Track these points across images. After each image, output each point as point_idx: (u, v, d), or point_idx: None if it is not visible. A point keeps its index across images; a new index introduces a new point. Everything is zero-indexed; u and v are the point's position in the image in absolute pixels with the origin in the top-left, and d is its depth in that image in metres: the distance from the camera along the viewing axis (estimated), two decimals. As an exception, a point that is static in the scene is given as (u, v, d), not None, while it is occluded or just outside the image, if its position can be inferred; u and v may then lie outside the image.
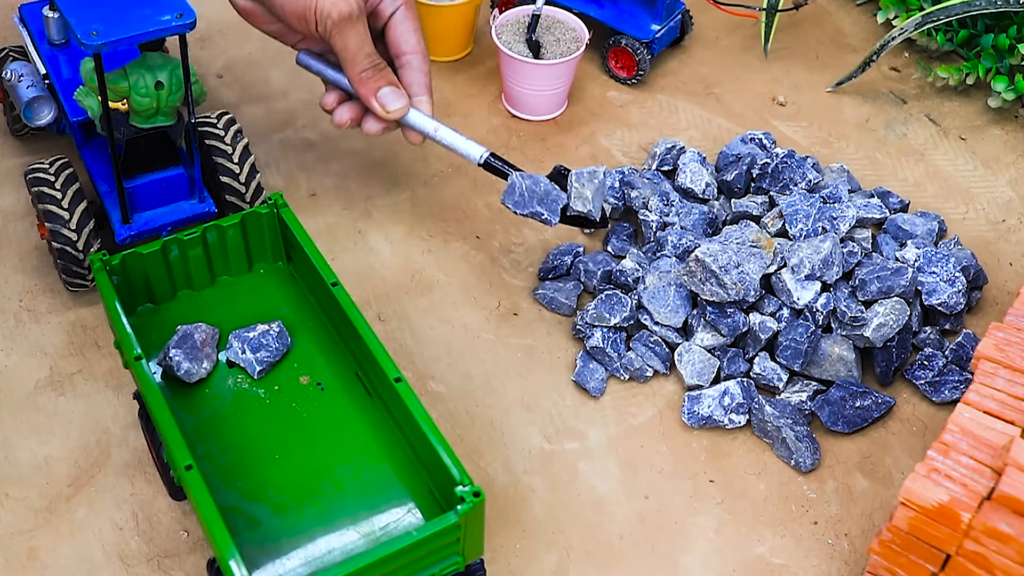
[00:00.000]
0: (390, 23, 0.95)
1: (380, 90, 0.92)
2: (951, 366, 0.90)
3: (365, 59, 0.91)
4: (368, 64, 0.91)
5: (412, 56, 0.95)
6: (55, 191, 0.89)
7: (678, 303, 0.91)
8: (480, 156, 0.93)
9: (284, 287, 0.87)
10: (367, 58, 0.91)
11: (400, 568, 0.67)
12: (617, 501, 0.84)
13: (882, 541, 0.72)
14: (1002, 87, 1.12)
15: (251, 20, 0.94)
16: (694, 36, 1.25)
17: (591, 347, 0.91)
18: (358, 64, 0.91)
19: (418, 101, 0.95)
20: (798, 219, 0.94)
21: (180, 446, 0.70)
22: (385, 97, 0.92)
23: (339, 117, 0.96)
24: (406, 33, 0.95)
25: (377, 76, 0.92)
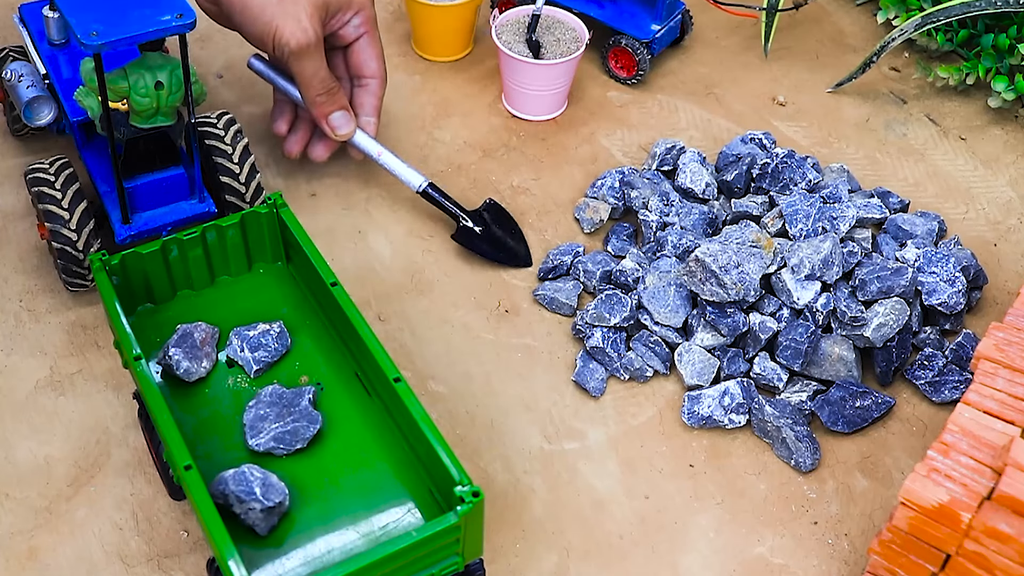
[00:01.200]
0: (353, 47, 1.00)
1: (332, 114, 0.98)
2: (951, 366, 0.90)
3: (320, 84, 0.96)
4: (322, 89, 0.96)
5: (370, 80, 1.02)
6: (55, 191, 0.89)
7: (678, 303, 0.91)
8: (419, 185, 0.99)
9: (284, 287, 0.87)
10: (322, 83, 0.96)
11: (399, 568, 0.67)
12: (617, 501, 0.84)
13: (882, 541, 0.72)
14: (1002, 87, 1.12)
15: (214, 19, 0.99)
16: (694, 36, 1.25)
17: (591, 347, 0.91)
18: (313, 89, 0.96)
19: (365, 122, 1.01)
20: (798, 219, 0.94)
21: (180, 446, 0.70)
22: (336, 120, 0.99)
23: (289, 149, 1.03)
24: (368, 60, 1.01)
25: (329, 101, 0.97)
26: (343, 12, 0.97)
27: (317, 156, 1.03)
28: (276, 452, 0.76)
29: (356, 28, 0.99)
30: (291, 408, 0.77)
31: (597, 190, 1.04)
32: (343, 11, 0.97)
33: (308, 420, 0.77)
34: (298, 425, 0.77)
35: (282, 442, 0.76)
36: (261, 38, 0.94)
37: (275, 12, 0.92)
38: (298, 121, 1.04)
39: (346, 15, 0.98)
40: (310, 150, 1.03)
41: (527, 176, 1.08)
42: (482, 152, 1.10)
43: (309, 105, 0.98)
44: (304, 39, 0.93)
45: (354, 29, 0.99)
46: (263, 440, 0.76)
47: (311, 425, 0.77)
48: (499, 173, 1.08)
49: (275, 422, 0.77)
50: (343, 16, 0.97)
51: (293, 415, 0.77)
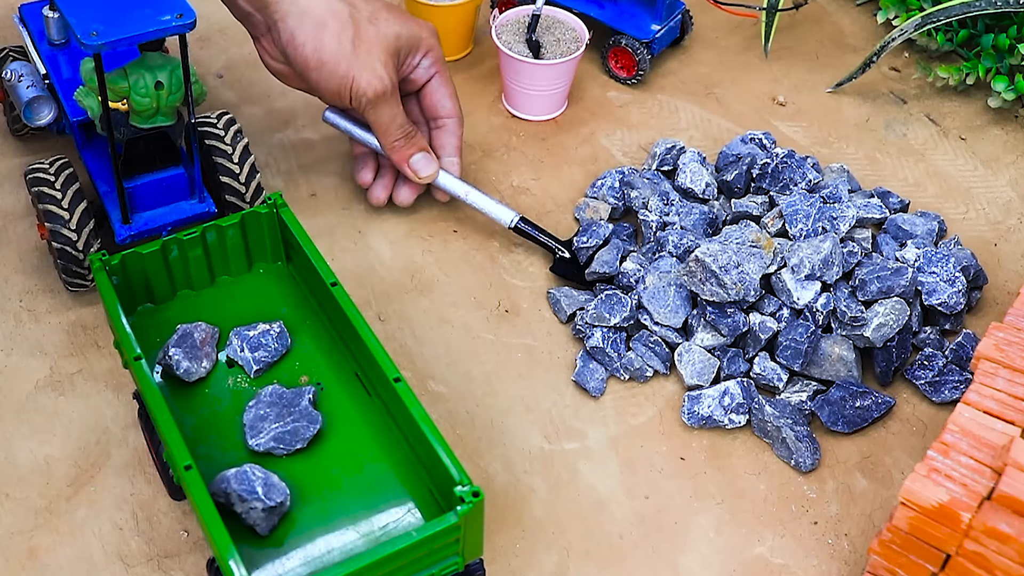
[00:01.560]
0: (426, 89, 1.00)
1: (412, 157, 0.98)
2: (951, 366, 0.90)
3: (398, 130, 0.96)
4: (400, 134, 0.96)
5: (447, 120, 1.01)
6: (55, 191, 0.89)
7: (678, 303, 0.91)
8: (511, 220, 0.98)
9: (284, 287, 0.87)
10: (400, 129, 0.96)
11: (399, 568, 0.67)
12: (617, 501, 0.84)
13: (882, 541, 0.72)
14: (1002, 87, 1.12)
15: (283, 80, 0.99)
16: (694, 36, 1.25)
17: (591, 347, 0.91)
18: (391, 135, 0.96)
19: (448, 163, 1.01)
20: (798, 219, 0.94)
21: (180, 446, 0.70)
22: (417, 163, 0.98)
23: (376, 197, 1.02)
24: (443, 99, 1.00)
25: (409, 144, 0.97)
26: (413, 55, 0.97)
27: (402, 201, 1.02)
28: (276, 452, 0.76)
29: (427, 70, 0.99)
30: (291, 408, 0.77)
31: (597, 190, 1.04)
32: (413, 53, 0.97)
33: (308, 420, 0.77)
34: (298, 425, 0.77)
35: (282, 442, 0.76)
36: (338, 91, 0.93)
37: (351, 64, 0.92)
38: (382, 169, 1.03)
39: (416, 57, 0.98)
40: (395, 195, 1.02)
41: (527, 176, 1.08)
42: (482, 152, 1.10)
43: (388, 152, 0.97)
44: (381, 87, 0.93)
45: (425, 71, 0.99)
46: (263, 440, 0.76)
47: (311, 425, 0.77)
48: (499, 173, 1.08)
49: (275, 422, 0.77)
50: (414, 59, 0.98)
51: (293, 415, 0.77)
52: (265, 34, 0.95)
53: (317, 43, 0.92)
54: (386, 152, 0.98)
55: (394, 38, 0.94)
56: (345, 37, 0.92)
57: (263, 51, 0.97)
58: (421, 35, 0.97)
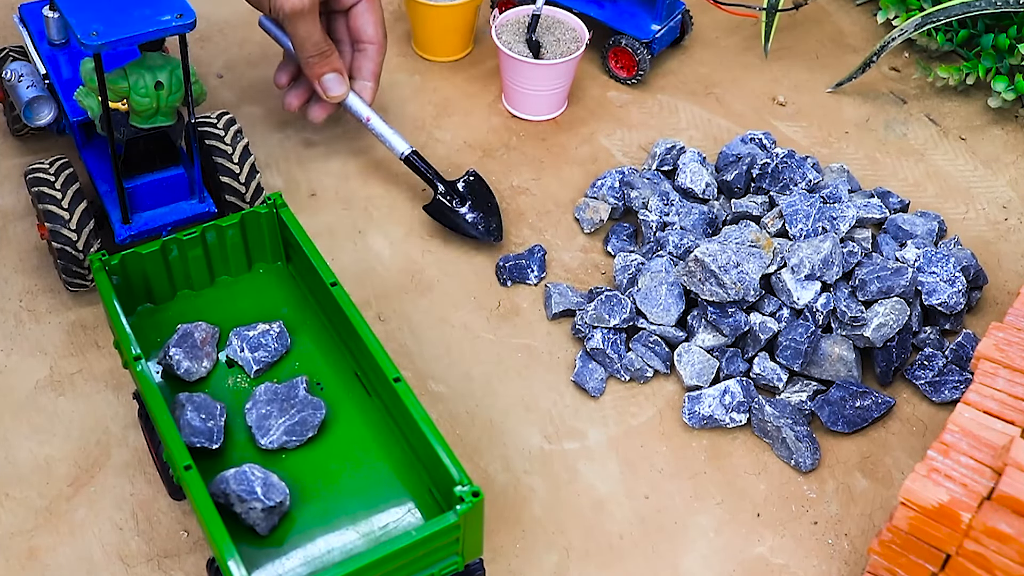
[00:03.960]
0: (352, 11, 1.02)
1: (324, 75, 1.00)
2: (951, 366, 0.90)
3: (313, 47, 0.98)
4: (315, 51, 0.98)
5: (368, 45, 1.03)
6: (55, 191, 0.89)
7: (670, 301, 0.91)
8: (403, 151, 1.01)
9: (284, 287, 0.87)
10: (315, 46, 0.98)
11: (399, 568, 0.67)
12: (617, 501, 0.84)
13: (882, 541, 0.72)
14: (1002, 87, 1.12)
15: None
16: (694, 36, 1.25)
17: (591, 348, 0.91)
18: (306, 51, 0.99)
19: (360, 86, 1.03)
20: (798, 219, 0.94)
21: (180, 446, 0.70)
22: (328, 82, 1.00)
23: (288, 102, 1.06)
24: (366, 25, 1.02)
25: (322, 63, 0.99)
26: None
27: (313, 117, 1.04)
28: (289, 445, 0.76)
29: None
30: (291, 400, 0.77)
31: (597, 190, 1.04)
32: None
33: (312, 408, 0.77)
34: (304, 415, 0.77)
35: (293, 434, 0.76)
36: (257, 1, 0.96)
37: None
38: (300, 78, 1.05)
39: None
40: (308, 111, 1.05)
41: (527, 176, 1.08)
42: (482, 152, 1.10)
43: (304, 67, 1.00)
44: (299, 4, 0.95)
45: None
46: (275, 437, 0.76)
47: (316, 412, 0.77)
48: (499, 173, 1.08)
49: (280, 417, 0.77)
50: None
51: (295, 406, 0.77)
52: None
53: None
54: (302, 68, 1.00)
55: None
56: None
57: None
58: None
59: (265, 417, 0.77)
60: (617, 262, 0.96)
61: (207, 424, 0.76)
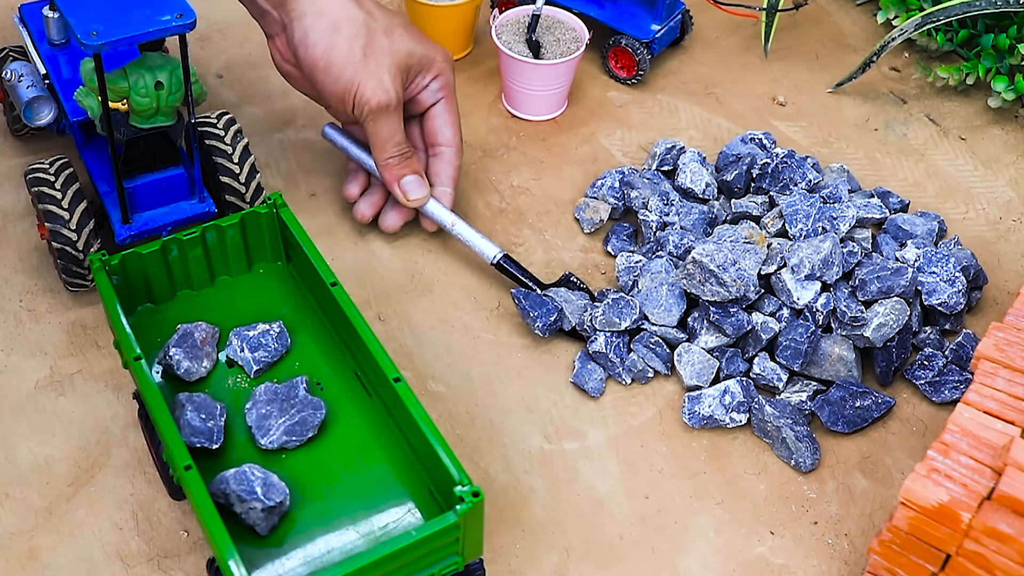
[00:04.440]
0: (429, 113, 0.99)
1: (404, 178, 0.96)
2: (951, 366, 0.90)
3: (394, 147, 0.95)
4: (396, 152, 0.95)
5: (445, 148, 0.99)
6: (55, 191, 0.89)
7: (671, 302, 0.91)
8: (494, 256, 0.96)
9: (284, 287, 0.87)
10: (396, 147, 0.95)
11: (399, 568, 0.67)
12: (617, 501, 0.84)
13: (882, 541, 0.72)
14: (1002, 87, 1.12)
15: (291, 83, 0.98)
16: (694, 36, 1.25)
17: (593, 351, 0.90)
18: (387, 151, 0.95)
19: (440, 192, 0.99)
20: (798, 219, 0.94)
21: (180, 446, 0.70)
22: (408, 185, 0.96)
23: (361, 212, 1.00)
24: (444, 127, 0.99)
25: (402, 164, 0.95)
26: (423, 75, 0.96)
27: (388, 225, 0.99)
28: (289, 445, 0.76)
29: (434, 93, 0.98)
30: (291, 400, 0.78)
31: (597, 190, 1.04)
32: (424, 73, 0.96)
33: (312, 407, 0.77)
34: (304, 414, 0.77)
35: (293, 434, 0.76)
36: (342, 96, 0.92)
37: (358, 70, 0.91)
38: (372, 187, 1.01)
39: (426, 78, 0.97)
40: (381, 218, 1.00)
41: (527, 176, 1.08)
42: (482, 152, 1.10)
43: (381, 169, 0.96)
44: (385, 99, 0.92)
45: (432, 94, 0.98)
46: (275, 437, 0.76)
47: (316, 412, 0.77)
48: (499, 173, 1.08)
49: (280, 417, 0.77)
50: (423, 79, 0.97)
51: (295, 406, 0.77)
52: (279, 33, 0.95)
53: (328, 44, 0.91)
54: (379, 169, 0.96)
55: (406, 54, 0.94)
56: (357, 43, 0.91)
57: (275, 50, 0.96)
58: (435, 57, 0.96)
59: (265, 417, 0.77)
60: (620, 262, 0.96)
61: (207, 424, 0.76)
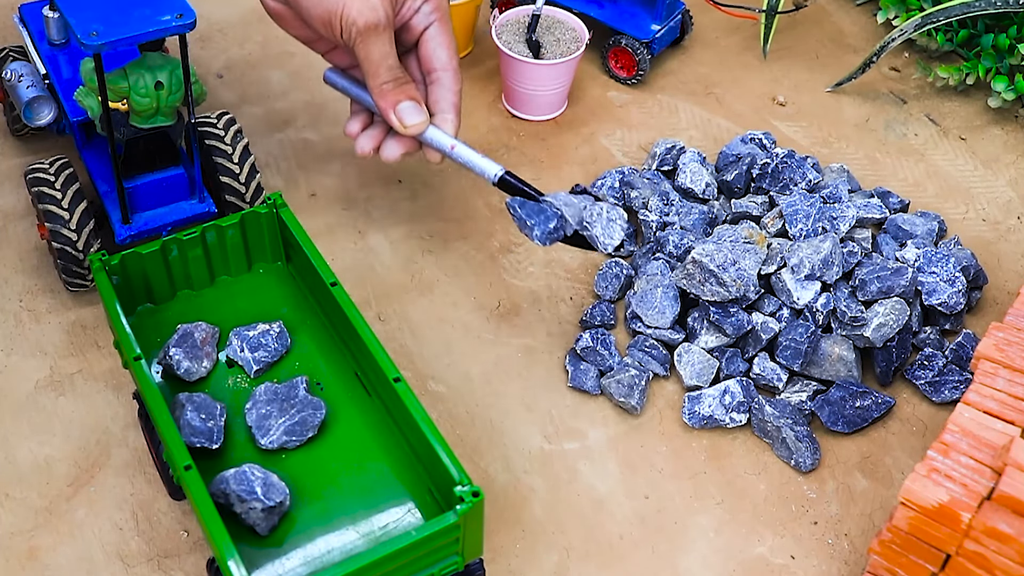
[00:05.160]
0: (423, 38, 0.93)
1: (400, 104, 0.90)
2: (951, 366, 0.90)
3: (387, 71, 0.89)
4: (389, 76, 0.89)
5: (442, 73, 0.93)
6: (55, 191, 0.89)
7: (665, 303, 0.91)
8: (495, 174, 0.91)
9: (284, 287, 0.87)
10: (389, 71, 0.89)
11: (399, 568, 0.67)
12: (617, 501, 0.84)
13: (882, 541, 0.72)
14: (1002, 87, 1.12)
15: (280, 23, 0.93)
16: (694, 36, 1.25)
17: (581, 349, 0.90)
18: (379, 76, 0.89)
19: (441, 119, 0.93)
20: (798, 219, 0.94)
21: (180, 446, 0.70)
22: (404, 111, 0.90)
23: (361, 147, 0.94)
24: (438, 49, 0.93)
25: (397, 89, 0.90)
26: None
27: (388, 155, 0.94)
28: (289, 445, 0.76)
29: (427, 16, 0.92)
30: (291, 400, 0.78)
31: (597, 190, 1.04)
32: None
33: (312, 408, 0.77)
34: (304, 415, 0.77)
35: (293, 434, 0.76)
36: (328, 19, 0.87)
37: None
38: (373, 124, 0.96)
39: (417, 1, 0.92)
40: (381, 149, 0.94)
41: (527, 176, 1.08)
42: (482, 152, 1.10)
43: (376, 97, 0.90)
44: (373, 18, 0.86)
45: (425, 17, 0.92)
46: (275, 437, 0.76)
47: (316, 412, 0.77)
48: (499, 173, 1.08)
49: (280, 417, 0.77)
50: (414, 2, 0.91)
51: (295, 406, 0.77)
52: None
53: None
54: (373, 97, 0.90)
55: None
56: None
57: None
58: None
59: (265, 417, 0.77)
60: (603, 270, 0.96)
61: (207, 424, 0.76)
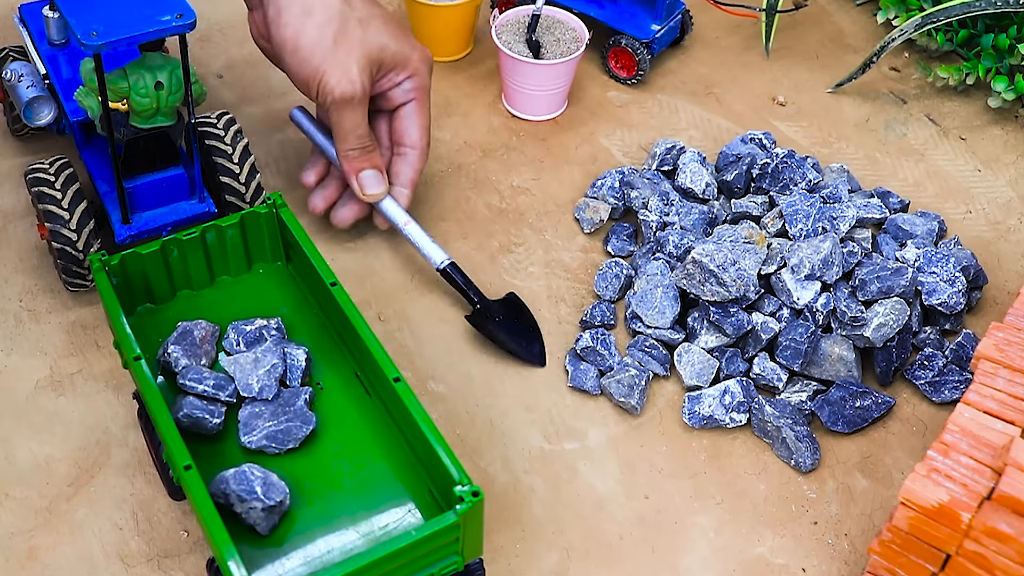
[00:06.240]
0: (398, 112, 0.97)
1: (363, 171, 0.94)
2: (951, 366, 0.90)
3: (356, 140, 0.93)
4: (357, 145, 0.93)
5: (410, 150, 0.97)
6: (55, 191, 0.89)
7: (665, 303, 0.91)
8: (440, 262, 0.94)
9: (284, 287, 0.87)
10: (358, 139, 0.93)
11: (399, 568, 0.67)
12: (617, 501, 0.84)
13: (882, 541, 0.72)
14: (1002, 87, 1.12)
15: (266, 56, 0.97)
16: (694, 36, 1.25)
17: (581, 349, 0.90)
18: (348, 143, 0.93)
19: (398, 192, 0.97)
20: (798, 219, 0.94)
21: (180, 446, 0.70)
22: (366, 179, 0.94)
23: (313, 204, 0.99)
24: (411, 127, 0.97)
25: (363, 157, 0.94)
26: (396, 72, 0.94)
27: (340, 219, 0.98)
28: (268, 451, 0.76)
29: (406, 92, 0.95)
30: (286, 408, 0.77)
31: (597, 190, 1.04)
32: (396, 71, 0.94)
33: (302, 420, 0.77)
34: (291, 425, 0.77)
35: (274, 440, 0.76)
36: (307, 82, 0.91)
37: (325, 58, 0.89)
38: (329, 178, 0.99)
39: (399, 76, 0.94)
40: (334, 212, 0.98)
41: (527, 176, 1.08)
42: (482, 152, 1.10)
43: (341, 160, 0.94)
44: (350, 90, 0.89)
45: (403, 93, 0.95)
46: (255, 438, 0.76)
47: (304, 426, 0.77)
48: (499, 173, 1.08)
49: (268, 420, 0.77)
50: (395, 76, 0.94)
51: (287, 414, 0.77)
52: (257, 7, 0.94)
53: (299, 27, 0.89)
54: (339, 160, 0.94)
55: (379, 48, 0.91)
56: (328, 30, 0.89)
57: (252, 24, 0.95)
58: (410, 56, 0.94)
59: (255, 416, 0.77)
60: (603, 271, 0.96)
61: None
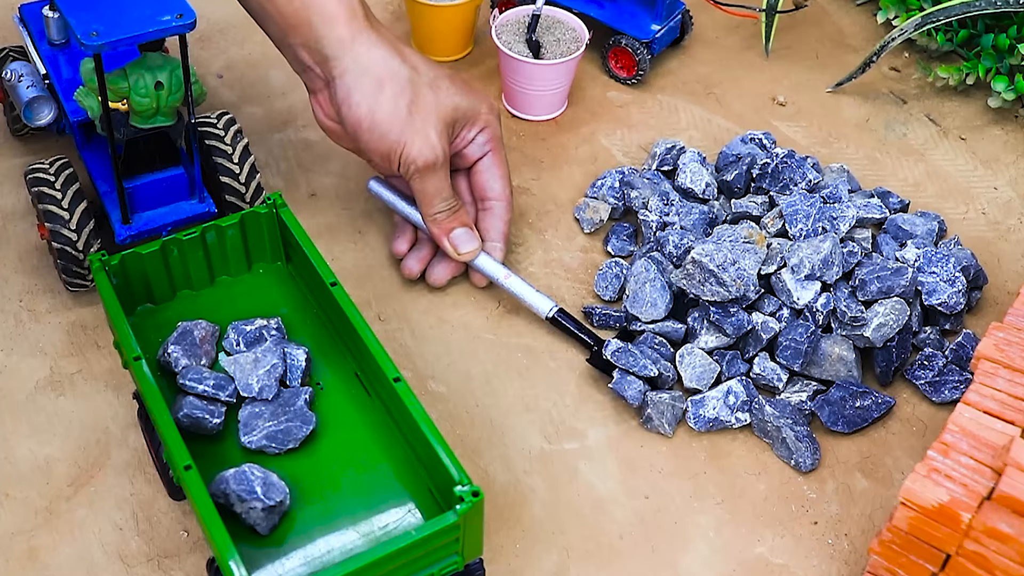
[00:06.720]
0: (476, 166, 0.96)
1: (453, 231, 0.93)
2: (951, 366, 0.90)
3: (442, 202, 0.92)
4: (445, 207, 0.92)
5: (495, 203, 0.96)
6: (55, 191, 0.89)
7: (655, 296, 0.91)
8: (548, 311, 0.93)
9: (284, 287, 0.87)
10: (444, 201, 0.92)
11: (399, 568, 0.67)
12: (617, 501, 0.84)
13: (882, 541, 0.72)
14: (1002, 87, 1.12)
15: (332, 138, 0.95)
16: (694, 36, 1.25)
17: (612, 352, 0.88)
18: (434, 207, 0.92)
19: (491, 247, 0.96)
20: (798, 219, 0.94)
21: (180, 446, 0.70)
22: (458, 238, 0.93)
23: (409, 269, 0.97)
24: (492, 180, 0.96)
25: (451, 218, 0.93)
26: (469, 128, 0.94)
27: (436, 278, 0.96)
28: (268, 451, 0.76)
29: (481, 147, 0.95)
30: (286, 408, 0.77)
31: (597, 190, 1.04)
32: (469, 126, 0.94)
33: (302, 420, 0.77)
34: (291, 425, 0.77)
35: (274, 440, 0.76)
36: (387, 156, 0.90)
37: (404, 130, 0.88)
38: (420, 241, 0.98)
39: (472, 132, 0.94)
40: (429, 272, 0.96)
41: (527, 176, 1.08)
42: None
43: (429, 224, 0.93)
44: (432, 156, 0.89)
45: (479, 147, 0.95)
46: (255, 438, 0.76)
47: (304, 426, 0.77)
48: (499, 173, 1.08)
49: (268, 420, 0.77)
50: (469, 133, 0.94)
51: (288, 414, 0.77)
52: (322, 90, 0.92)
53: (373, 104, 0.88)
54: (426, 224, 0.93)
55: (452, 108, 0.91)
56: (402, 100, 0.89)
57: (317, 107, 0.93)
58: (480, 109, 0.94)
59: (255, 416, 0.77)
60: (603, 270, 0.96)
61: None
